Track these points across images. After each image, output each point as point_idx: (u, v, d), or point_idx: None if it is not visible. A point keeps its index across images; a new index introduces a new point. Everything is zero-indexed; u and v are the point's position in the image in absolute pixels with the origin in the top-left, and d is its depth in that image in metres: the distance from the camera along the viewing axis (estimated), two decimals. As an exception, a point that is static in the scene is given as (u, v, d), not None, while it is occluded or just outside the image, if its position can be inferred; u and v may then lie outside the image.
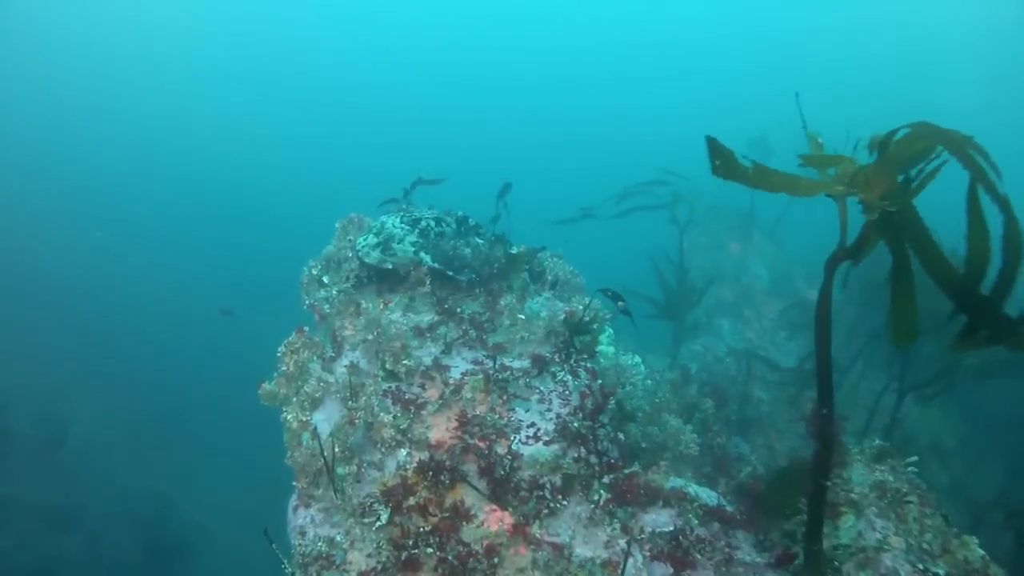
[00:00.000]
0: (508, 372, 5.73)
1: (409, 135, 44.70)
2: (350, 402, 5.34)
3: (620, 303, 5.61)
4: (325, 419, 5.58)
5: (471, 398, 5.56)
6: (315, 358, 6.01)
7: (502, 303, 6.29)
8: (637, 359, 8.47)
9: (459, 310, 6.42)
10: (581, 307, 6.70)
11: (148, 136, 42.14)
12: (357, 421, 5.20)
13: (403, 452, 5.30)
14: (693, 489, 6.11)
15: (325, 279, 6.61)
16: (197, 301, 26.81)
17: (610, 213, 12.59)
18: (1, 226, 28.46)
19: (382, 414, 5.26)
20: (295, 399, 5.71)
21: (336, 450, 5.11)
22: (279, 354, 5.88)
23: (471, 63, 54.80)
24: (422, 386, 5.75)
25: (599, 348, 7.49)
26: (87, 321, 25.47)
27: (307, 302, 6.61)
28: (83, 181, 35.39)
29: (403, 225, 6.57)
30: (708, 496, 6.18)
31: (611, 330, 8.66)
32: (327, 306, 6.39)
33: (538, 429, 5.42)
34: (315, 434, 5.41)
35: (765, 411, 13.32)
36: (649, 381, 8.08)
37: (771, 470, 10.62)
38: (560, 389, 5.75)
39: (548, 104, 50.28)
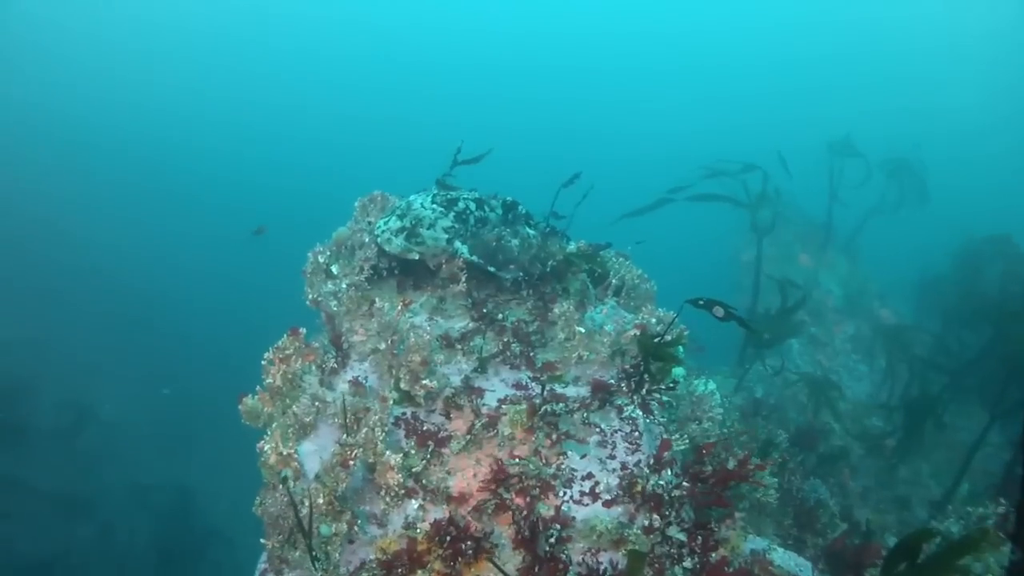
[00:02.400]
0: (560, 403, 4.34)
1: (458, 118, 43.52)
2: (345, 436, 3.99)
3: (716, 308, 4.15)
4: (316, 451, 4.25)
5: (509, 434, 4.20)
6: (313, 369, 4.68)
7: (556, 311, 4.89)
8: (712, 385, 7.02)
9: (500, 317, 5.05)
10: (654, 320, 5.29)
11: (172, 119, 41.35)
12: (353, 463, 3.85)
13: (413, 504, 3.95)
14: (779, 556, 4.71)
15: (334, 269, 5.28)
16: (232, 288, 25.97)
17: (688, 195, 11.03)
18: (36, 212, 28.01)
19: (388, 453, 3.91)
20: (279, 422, 4.38)
21: (321, 500, 3.77)
22: (264, 362, 4.57)
23: (526, 47, 53.33)
24: (446, 415, 4.40)
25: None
26: (117, 306, 24.68)
27: (310, 297, 5.29)
28: (109, 166, 34.82)
29: (435, 206, 5.22)
30: (799, 566, 4.77)
31: (681, 348, 7.21)
32: (334, 303, 5.07)
33: (596, 483, 4.03)
34: (299, 473, 4.08)
35: (837, 444, 11.77)
36: (720, 410, 6.65)
37: (855, 524, 9.09)
38: (627, 429, 4.34)
39: (606, 94, 48.70)
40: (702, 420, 5.62)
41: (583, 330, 4.72)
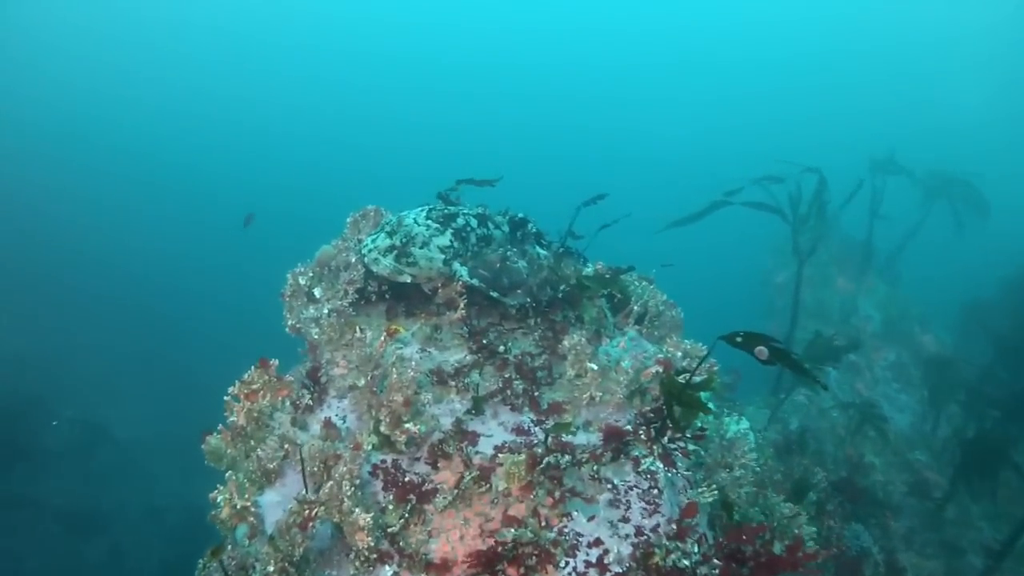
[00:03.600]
0: (567, 452, 3.71)
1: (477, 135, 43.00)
2: (305, 490, 3.39)
3: (759, 349, 3.46)
4: (281, 502, 3.66)
5: (504, 490, 3.57)
6: (287, 405, 4.10)
7: (566, 343, 4.26)
8: (745, 424, 6.31)
9: (502, 349, 4.44)
10: (680, 354, 4.64)
11: (193, 128, 41.19)
12: (313, 524, 3.25)
13: (387, 571, 3.32)
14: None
15: (316, 292, 4.70)
16: (254, 304, 25.61)
17: (742, 201, 10.31)
18: (57, 222, 27.99)
19: (357, 511, 3.30)
20: (242, 467, 3.81)
21: (272, 568, 3.16)
22: (227, 396, 4.01)
23: (557, 57, 52.79)
24: (432, 464, 3.78)
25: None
26: (135, 323, 24.39)
27: (289, 323, 4.71)
28: (129, 180, 34.76)
29: (430, 222, 4.62)
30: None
31: (710, 393, 6.45)
32: (315, 331, 4.50)
33: (605, 552, 3.37)
34: (257, 530, 3.49)
35: (878, 480, 10.94)
36: (754, 455, 5.92)
37: (899, 571, 8.34)
38: (645, 485, 3.69)
39: (629, 107, 48.16)
40: (733, 467, 4.93)
41: (595, 366, 4.09)
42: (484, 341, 4.46)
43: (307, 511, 3.24)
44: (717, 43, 52.99)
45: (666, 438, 3.90)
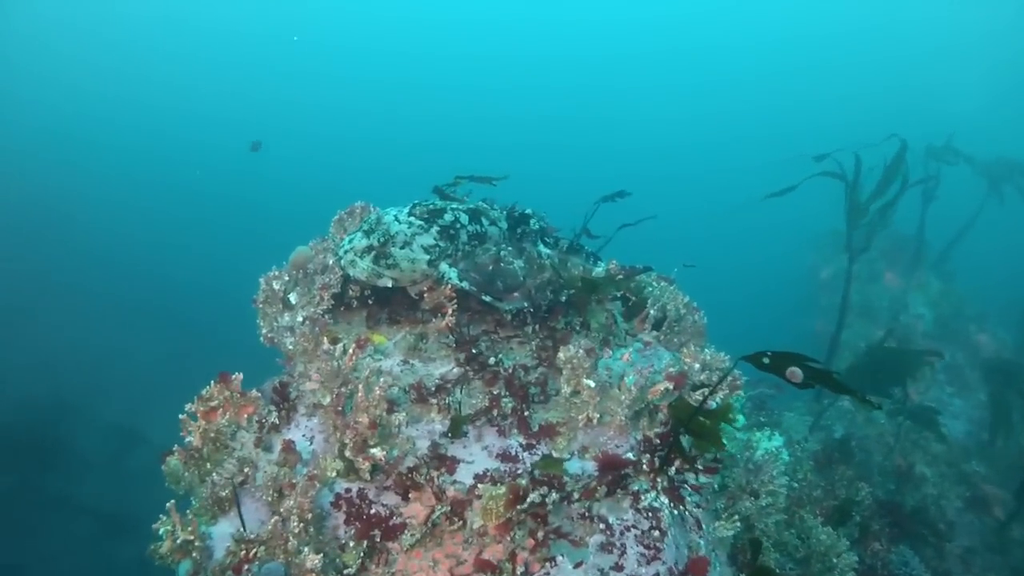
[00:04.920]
0: (554, 485, 3.21)
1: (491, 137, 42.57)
2: (242, 528, 2.96)
3: (792, 370, 2.86)
4: (234, 535, 3.24)
5: (480, 527, 3.09)
6: (253, 424, 3.68)
7: (561, 355, 3.76)
8: (778, 440, 5.67)
9: (493, 361, 3.96)
10: (698, 366, 4.10)
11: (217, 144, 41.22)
12: (250, 567, 2.81)
13: (343, 623, 2.89)
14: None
15: (292, 298, 4.27)
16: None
17: (821, 171, 9.79)
18: (87, 229, 28.25)
19: (306, 551, 2.85)
20: (197, 493, 3.42)
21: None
22: (183, 414, 3.61)
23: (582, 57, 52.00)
24: (403, 494, 3.32)
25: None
26: (173, 324, 24.45)
27: (264, 332, 4.29)
28: (156, 179, 34.88)
29: (412, 219, 4.16)
30: None
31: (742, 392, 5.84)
32: (290, 340, 4.07)
33: (596, 605, 2.88)
34: (201, 566, 3.07)
35: (931, 494, 10.17)
36: (785, 479, 5.30)
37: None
38: (645, 526, 3.17)
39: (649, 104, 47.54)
40: (760, 494, 4.38)
41: (593, 383, 3.57)
42: (473, 351, 3.98)
43: (244, 551, 2.81)
44: (720, 40, 52.27)
45: (673, 471, 3.37)
